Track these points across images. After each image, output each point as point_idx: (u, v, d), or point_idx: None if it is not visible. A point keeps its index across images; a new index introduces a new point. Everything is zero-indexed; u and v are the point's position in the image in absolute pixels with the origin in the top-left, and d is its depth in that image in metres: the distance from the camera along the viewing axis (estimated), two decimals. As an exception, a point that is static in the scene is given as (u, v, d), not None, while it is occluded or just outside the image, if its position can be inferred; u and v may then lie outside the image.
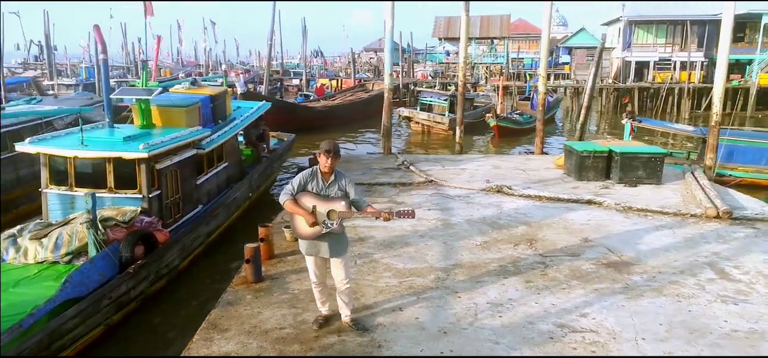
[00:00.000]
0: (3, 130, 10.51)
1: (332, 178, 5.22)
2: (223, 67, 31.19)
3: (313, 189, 5.19)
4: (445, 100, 25.08)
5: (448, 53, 59.68)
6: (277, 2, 29.32)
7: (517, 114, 26.67)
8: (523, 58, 62.70)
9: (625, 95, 37.29)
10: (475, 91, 35.93)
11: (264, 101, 22.87)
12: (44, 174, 8.49)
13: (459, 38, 43.23)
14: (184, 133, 9.50)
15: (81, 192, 8.25)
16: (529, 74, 52.93)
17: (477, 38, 42.49)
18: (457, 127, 17.33)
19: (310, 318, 5.67)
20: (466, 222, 9.08)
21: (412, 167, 13.09)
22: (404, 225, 8.85)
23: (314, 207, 5.09)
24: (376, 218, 5.18)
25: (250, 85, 34.25)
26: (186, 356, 4.81)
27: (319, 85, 40.48)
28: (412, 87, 34.74)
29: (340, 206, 5.07)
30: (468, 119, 26.01)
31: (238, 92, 22.71)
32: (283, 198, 5.18)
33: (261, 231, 7.44)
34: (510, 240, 8.20)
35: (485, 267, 7.13)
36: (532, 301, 6.14)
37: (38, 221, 8.27)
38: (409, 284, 6.58)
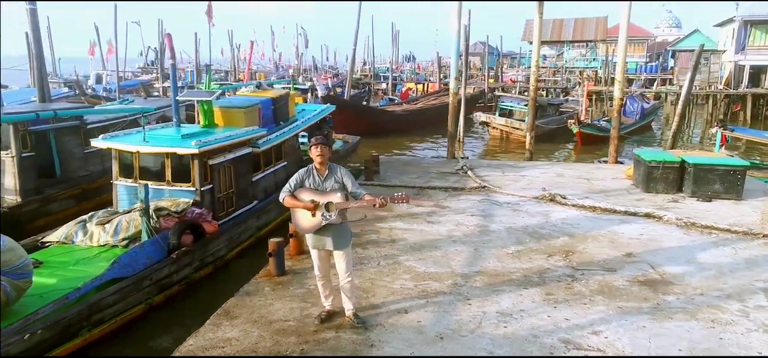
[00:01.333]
0: (90, 126, 11.76)
1: (327, 171, 5.44)
2: (291, 71, 32.51)
3: (310, 185, 5.42)
4: (526, 105, 24.27)
5: (544, 57, 57.71)
6: (363, 2, 29.98)
7: (604, 120, 25.24)
8: (626, 62, 59.06)
9: (736, 102, 33.94)
10: (566, 96, 34.50)
11: (342, 104, 23.58)
12: (114, 167, 9.41)
13: (551, 41, 41.66)
14: (239, 133, 10.09)
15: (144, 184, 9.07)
16: (629, 79, 49.76)
17: (570, 42, 40.66)
18: (528, 133, 16.78)
19: (316, 313, 5.84)
20: (505, 230, 8.83)
21: (470, 172, 12.90)
22: (440, 230, 8.80)
23: (312, 201, 5.30)
24: (374, 206, 5.27)
25: (339, 89, 35.35)
26: (179, 355, 5.13)
27: (404, 89, 40.88)
28: (499, 92, 34.02)
29: (336, 198, 5.26)
30: (551, 125, 25.15)
31: (319, 95, 23.60)
32: (282, 195, 5.43)
33: (291, 227, 7.73)
34: (545, 250, 7.87)
35: (508, 276, 6.92)
36: (545, 314, 5.88)
37: (108, 209, 9.19)
38: (424, 288, 6.55)
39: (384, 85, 45.73)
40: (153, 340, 6.91)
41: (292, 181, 5.48)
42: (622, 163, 15.09)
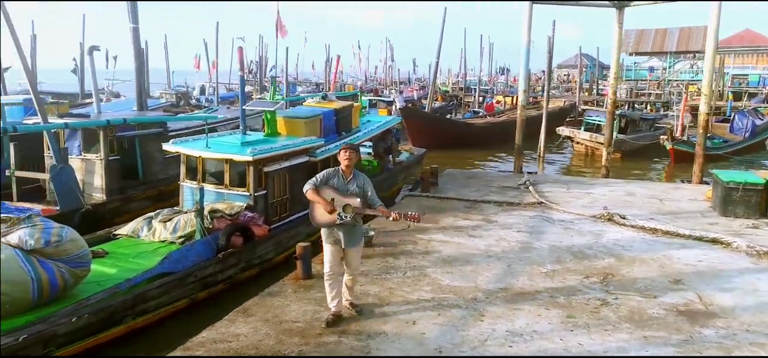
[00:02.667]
0: (171, 132, 12.87)
1: (352, 176, 5.84)
2: (359, 83, 33.11)
3: (334, 184, 5.80)
4: (614, 119, 22.92)
5: (652, 69, 54.06)
6: (457, 15, 30.04)
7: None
8: (746, 75, 53.71)
9: None
10: (665, 110, 32.11)
11: (420, 117, 23.75)
12: (182, 170, 10.24)
13: (652, 52, 38.93)
14: (296, 142, 10.59)
15: (207, 187, 9.82)
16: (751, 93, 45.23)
17: (674, 53, 37.74)
18: (604, 149, 15.89)
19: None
20: (548, 248, 8.47)
21: (531, 188, 12.48)
22: (479, 244, 8.64)
23: (333, 199, 5.68)
24: (387, 217, 5.80)
25: (424, 100, 35.57)
26: (182, 355, 5.46)
27: (494, 101, 40.22)
28: (588, 105, 32.43)
29: (355, 202, 5.65)
30: (643, 141, 23.59)
31: (398, 107, 23.98)
32: (307, 187, 5.81)
33: (324, 233, 7.99)
34: (583, 272, 7.46)
35: (532, 295, 6.66)
36: (558, 337, 5.61)
37: (173, 208, 10.02)
38: (441, 301, 6.49)
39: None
40: (189, 330, 7.39)
41: (319, 176, 5.87)
42: (707, 183, 13.82)
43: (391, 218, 5.80)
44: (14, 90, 24.32)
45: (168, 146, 10.26)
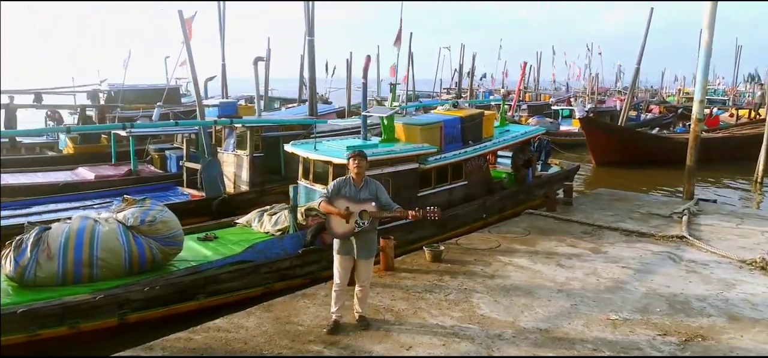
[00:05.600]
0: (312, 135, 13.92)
1: (363, 183, 5.83)
2: (503, 90, 29.95)
3: (346, 193, 5.81)
4: None
5: None
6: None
7: None
8: None
9: None
10: None
11: (601, 128, 21.47)
12: (299, 169, 11.05)
13: None
14: (403, 148, 10.55)
15: (316, 186, 10.47)
16: None
17: None
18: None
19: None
20: (642, 292, 6.92)
21: (685, 218, 10.28)
22: (558, 276, 7.51)
23: (347, 208, 5.68)
24: (406, 219, 5.89)
25: (633, 112, 31.74)
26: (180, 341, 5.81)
27: (727, 113, 33.98)
28: None
29: (370, 207, 5.67)
30: None
31: (577, 116, 22.00)
32: (319, 200, 5.95)
33: (381, 242, 7.84)
34: (667, 328, 5.92)
35: (572, 344, 5.56)
36: (559, 398, 4.60)
37: (283, 204, 10.87)
38: (458, 330, 5.86)
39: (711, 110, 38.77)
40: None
41: (330, 187, 5.97)
42: None
43: (409, 217, 5.76)
44: (234, 96, 28.93)
45: (288, 147, 11.17)
